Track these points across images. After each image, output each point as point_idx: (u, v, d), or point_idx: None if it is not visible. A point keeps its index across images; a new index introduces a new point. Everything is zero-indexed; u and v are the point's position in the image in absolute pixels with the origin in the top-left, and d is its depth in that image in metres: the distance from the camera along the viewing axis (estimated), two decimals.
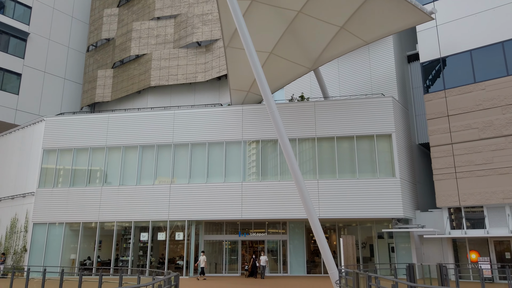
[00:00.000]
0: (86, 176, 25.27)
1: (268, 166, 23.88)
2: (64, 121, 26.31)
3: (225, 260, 24.96)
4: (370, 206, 21.88)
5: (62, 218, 24.72)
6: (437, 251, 22.61)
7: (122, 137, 25.33)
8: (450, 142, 22.12)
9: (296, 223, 24.97)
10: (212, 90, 31.86)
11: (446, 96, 22.68)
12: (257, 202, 22.98)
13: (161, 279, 8.78)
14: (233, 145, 24.35)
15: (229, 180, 23.78)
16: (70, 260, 24.74)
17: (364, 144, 23.09)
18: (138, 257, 24.60)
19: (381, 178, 22.26)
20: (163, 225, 24.24)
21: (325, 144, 23.52)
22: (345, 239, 13.85)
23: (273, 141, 23.99)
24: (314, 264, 24.85)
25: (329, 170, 23.06)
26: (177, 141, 24.75)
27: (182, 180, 24.31)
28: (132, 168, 24.99)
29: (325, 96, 25.28)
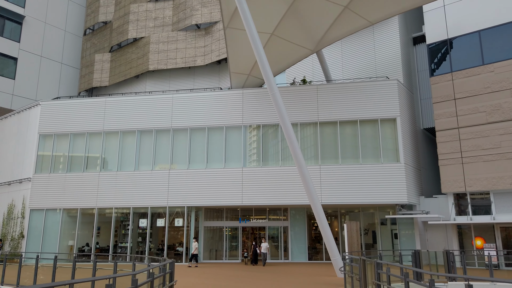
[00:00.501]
0: (83, 161, 24.69)
1: (269, 151, 23.26)
2: (60, 105, 25.63)
3: (225, 246, 24.53)
4: (374, 192, 21.31)
5: (60, 204, 24.24)
6: (441, 238, 22.11)
7: (120, 122, 24.67)
8: (456, 126, 21.42)
9: (298, 209, 24.46)
10: (211, 74, 31.07)
11: (453, 79, 21.90)
12: (257, 188, 22.43)
13: (156, 266, 8.23)
14: (233, 130, 23.69)
15: (229, 166, 23.19)
16: (68, 246, 24.33)
17: (368, 128, 22.42)
18: (137, 244, 24.18)
19: (385, 163, 21.64)
20: (162, 211, 23.75)
21: (327, 129, 22.85)
22: (349, 225, 13.30)
23: (275, 125, 23.31)
24: (315, 251, 24.42)
25: (331, 155, 22.43)
26: (176, 126, 24.09)
27: (181, 165, 23.72)
28: (130, 153, 24.39)
29: (327, 79, 24.51)
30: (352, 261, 10.13)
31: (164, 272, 7.30)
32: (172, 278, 7.82)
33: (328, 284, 14.08)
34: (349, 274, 10.17)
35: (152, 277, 6.36)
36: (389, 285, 7.29)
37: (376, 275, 7.91)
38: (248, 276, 16.68)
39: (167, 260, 8.25)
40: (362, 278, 8.90)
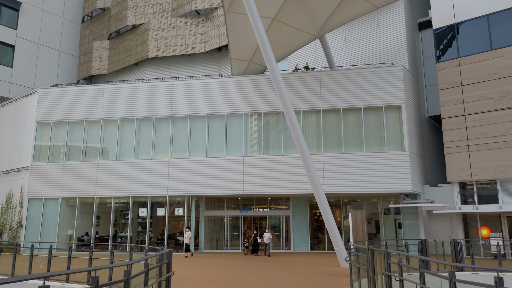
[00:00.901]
0: (81, 150, 24.19)
1: (270, 139, 22.72)
2: (58, 93, 25.05)
3: (226, 236, 24.13)
4: (377, 181, 20.80)
5: (58, 193, 23.80)
6: (446, 227, 21.67)
7: (118, 110, 24.10)
8: (463, 114, 20.82)
9: (300, 199, 24.00)
10: (212, 61, 30.39)
11: (460, 65, 21.24)
12: (259, 177, 21.93)
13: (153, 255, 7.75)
14: (234, 117, 23.12)
15: (230, 155, 22.67)
16: (68, 236, 23.96)
17: (372, 116, 21.82)
18: (137, 233, 23.79)
19: (389, 151, 21.10)
20: (162, 200, 23.31)
21: (330, 117, 22.26)
22: (354, 214, 12.80)
23: (277, 113, 22.73)
24: (317, 240, 24.02)
25: (334, 143, 21.88)
26: (176, 114, 23.52)
27: (181, 154, 23.21)
28: (129, 141, 23.87)
29: (331, 66, 23.86)
30: (359, 251, 9.64)
31: (160, 262, 6.82)
32: (170, 269, 7.34)
33: (332, 274, 13.65)
34: (356, 264, 9.69)
35: (147, 268, 5.87)
36: (401, 276, 6.79)
37: (386, 266, 7.42)
38: (249, 266, 16.27)
39: (164, 250, 7.77)
40: (370, 269, 8.42)
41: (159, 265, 6.74)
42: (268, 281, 12.20)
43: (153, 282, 6.27)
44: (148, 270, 5.92)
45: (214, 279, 12.66)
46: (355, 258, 10.34)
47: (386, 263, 7.45)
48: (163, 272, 7.34)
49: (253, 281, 12.11)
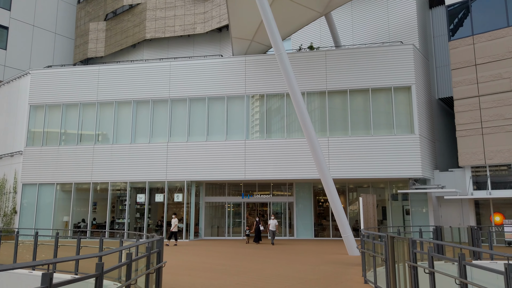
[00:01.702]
0: (77, 134, 23.09)
1: (273, 122, 21.57)
2: (51, 74, 23.85)
3: (227, 223, 23.17)
4: (386, 166, 19.70)
5: (53, 178, 22.78)
6: (456, 214, 20.64)
7: (115, 92, 22.92)
8: (477, 95, 19.60)
9: (303, 185, 22.95)
10: (212, 43, 29.06)
11: (474, 43, 19.93)
12: (261, 162, 20.85)
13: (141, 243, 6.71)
14: (235, 100, 21.93)
15: (231, 138, 21.56)
16: (63, 222, 23.02)
17: (380, 97, 20.62)
18: (135, 220, 22.84)
19: (398, 134, 19.94)
20: (160, 186, 22.28)
21: (336, 98, 21.06)
22: (365, 198, 11.74)
23: (280, 95, 21.53)
24: (321, 227, 23.05)
25: (341, 126, 20.73)
26: (174, 96, 22.34)
27: (180, 138, 22.10)
28: (126, 125, 22.75)
29: (337, 45, 22.55)
30: (374, 238, 8.58)
31: (149, 252, 5.75)
32: (160, 259, 6.31)
33: (340, 263, 12.64)
34: (370, 253, 8.64)
35: (129, 259, 4.81)
36: (431, 267, 5.73)
37: (412, 255, 6.35)
38: (252, 254, 15.28)
39: (155, 237, 6.71)
40: (390, 259, 7.36)
41: (147, 255, 5.69)
42: (272, 270, 11.19)
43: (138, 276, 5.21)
44: (131, 261, 4.85)
45: (213, 268, 11.67)
46: (369, 246, 9.29)
47: (411, 252, 6.38)
48: (152, 263, 6.29)
49: (256, 271, 11.11)
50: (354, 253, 14.64)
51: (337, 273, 10.73)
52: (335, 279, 9.84)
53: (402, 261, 6.93)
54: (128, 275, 4.82)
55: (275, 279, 9.87)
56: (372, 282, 8.73)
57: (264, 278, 10.02)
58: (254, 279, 9.81)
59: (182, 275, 10.43)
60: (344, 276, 10.18)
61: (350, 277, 10.05)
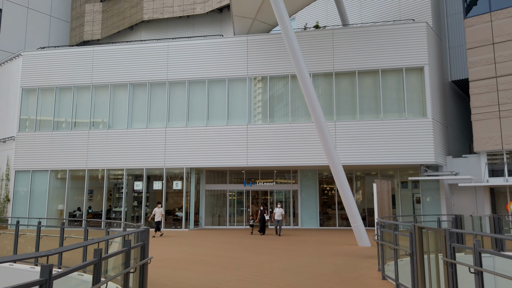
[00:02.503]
0: (71, 118, 21.93)
1: (277, 106, 20.34)
2: (44, 56, 22.60)
3: (228, 212, 22.12)
4: (396, 151, 18.51)
5: (47, 165, 21.71)
6: (469, 202, 19.49)
7: (110, 74, 21.70)
8: (494, 75, 18.28)
9: (308, 172, 21.82)
10: (212, 24, 27.67)
11: (492, 20, 18.54)
12: (264, 148, 19.68)
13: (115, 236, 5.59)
14: (237, 82, 20.68)
15: (232, 123, 20.37)
16: (58, 211, 22.01)
17: (391, 79, 19.33)
18: (133, 208, 21.80)
19: (409, 118, 18.70)
20: (159, 173, 21.19)
21: (344, 80, 19.78)
22: (379, 185, 10.59)
23: (284, 77, 20.26)
24: (327, 216, 21.98)
25: (348, 110, 19.49)
26: (173, 78, 21.10)
27: (179, 123, 20.92)
28: (122, 109, 21.56)
29: (344, 23, 21.17)
30: (397, 229, 7.43)
31: (128, 246, 4.62)
32: (145, 254, 5.20)
33: (351, 254, 11.54)
34: (391, 245, 7.50)
35: (98, 257, 3.68)
36: (479, 266, 4.58)
37: (449, 250, 5.20)
38: (255, 245, 14.20)
39: (141, 228, 5.58)
40: (417, 253, 6.22)
41: (125, 250, 4.56)
42: (278, 263, 10.09)
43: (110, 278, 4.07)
44: (100, 259, 3.71)
45: (213, 260, 10.58)
46: (388, 237, 8.16)
47: (448, 246, 5.23)
48: (136, 259, 5.17)
49: (260, 264, 10.02)
50: (364, 244, 13.55)
51: (349, 266, 9.62)
52: (348, 273, 8.74)
53: (435, 256, 5.79)
54: (96, 277, 3.70)
55: (282, 273, 8.77)
56: (392, 278, 7.62)
57: (269, 272, 8.93)
58: (258, 274, 8.72)
59: (177, 269, 9.35)
60: (358, 271, 9.07)
61: (364, 272, 8.94)
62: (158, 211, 17.52)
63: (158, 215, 17.48)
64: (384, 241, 8.21)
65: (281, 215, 17.40)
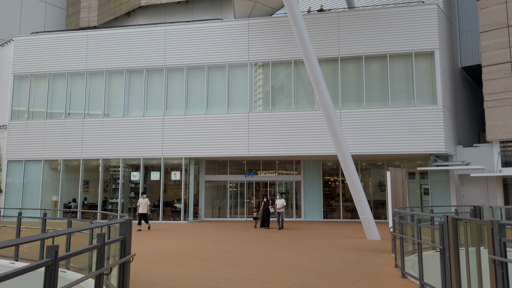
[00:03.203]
0: (64, 106, 20.90)
1: (279, 93, 19.29)
2: (36, 41, 21.50)
3: (229, 204, 21.17)
4: (404, 140, 17.49)
5: (40, 155, 20.72)
6: (480, 193, 18.50)
7: (105, 60, 20.61)
8: (509, 60, 17.19)
9: (312, 162, 20.83)
10: (212, 9, 26.50)
11: (507, 1, 17.40)
12: (266, 137, 18.66)
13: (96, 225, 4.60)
14: (238, 68, 19.61)
15: (233, 111, 19.34)
16: (52, 202, 21.06)
17: (399, 64, 18.25)
18: (129, 199, 20.83)
19: (419, 106, 17.65)
20: (156, 163, 20.19)
21: (350, 66, 18.70)
22: (393, 173, 9.60)
23: (287, 62, 19.17)
24: (330, 208, 21.02)
25: (354, 97, 18.44)
26: (170, 64, 20.02)
27: (177, 111, 19.89)
28: (118, 96, 20.51)
29: (350, 6, 20.03)
30: (420, 221, 6.42)
31: (101, 241, 3.63)
32: (126, 250, 4.21)
33: (361, 249, 10.58)
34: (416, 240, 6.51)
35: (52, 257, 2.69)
36: None
37: (499, 246, 4.20)
38: (257, 238, 13.24)
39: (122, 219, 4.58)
40: (451, 248, 5.23)
41: (98, 247, 3.57)
42: (283, 259, 9.13)
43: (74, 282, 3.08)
44: (56, 260, 2.72)
45: (211, 255, 9.62)
46: (409, 229, 7.18)
47: (497, 241, 4.23)
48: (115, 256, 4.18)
49: (263, 259, 9.05)
50: (374, 237, 12.59)
51: (361, 262, 8.65)
52: (362, 271, 7.77)
53: (476, 253, 4.79)
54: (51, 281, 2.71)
55: (287, 270, 7.80)
56: (414, 276, 6.64)
57: (274, 269, 7.95)
58: (261, 271, 7.75)
59: (172, 265, 8.38)
60: (372, 267, 8.10)
61: (380, 268, 7.97)
62: (143, 202, 15.78)
63: (143, 206, 15.71)
64: (402, 234, 7.21)
65: (282, 205, 15.98)
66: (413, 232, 6.90)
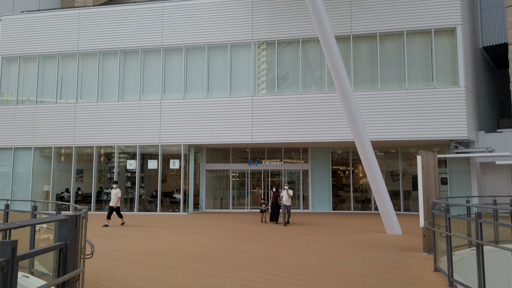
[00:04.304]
0: (55, 89, 19.32)
1: (286, 75, 17.63)
2: (25, 20, 19.84)
3: (232, 194, 19.66)
4: (422, 125, 15.84)
5: (30, 141, 19.21)
6: (503, 183, 16.89)
7: (98, 40, 18.97)
8: None
9: (320, 150, 19.23)
10: None
11: None
12: (271, 122, 17.06)
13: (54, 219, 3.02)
14: (241, 48, 17.93)
15: (235, 94, 17.71)
16: (44, 192, 19.61)
17: (417, 42, 16.52)
18: (125, 190, 19.33)
19: (439, 87, 15.95)
20: (154, 151, 18.65)
21: (363, 44, 16.99)
22: (425, 157, 8.00)
23: (294, 41, 17.48)
24: (340, 199, 19.48)
25: (367, 78, 16.75)
26: (168, 44, 18.36)
27: (176, 94, 18.29)
28: (113, 79, 18.91)
29: None
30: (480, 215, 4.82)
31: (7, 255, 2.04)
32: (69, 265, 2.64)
33: (386, 247, 9.03)
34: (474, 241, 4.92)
35: None
36: None
37: None
38: (263, 232, 11.71)
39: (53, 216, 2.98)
40: None
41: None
42: (296, 259, 7.58)
43: None
44: None
45: (210, 254, 8.09)
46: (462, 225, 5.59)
47: None
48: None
49: (272, 259, 7.50)
50: (394, 232, 11.03)
51: (391, 264, 7.09)
52: (395, 276, 6.20)
53: None
54: None
55: (304, 275, 6.25)
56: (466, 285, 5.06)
57: (286, 273, 6.40)
58: (271, 275, 6.20)
59: (161, 267, 6.84)
60: (407, 271, 6.53)
61: (417, 273, 6.40)
62: (113, 193, 13.45)
63: (114, 198, 13.38)
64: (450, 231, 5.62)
65: (289, 198, 13.48)
66: (467, 230, 5.30)
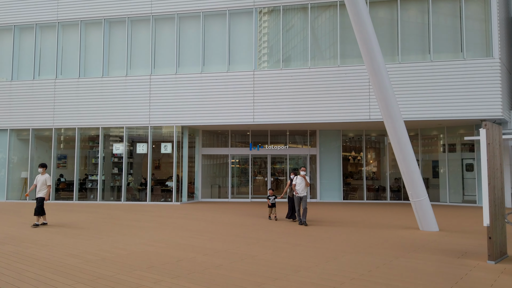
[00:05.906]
0: (33, 64, 16.99)
1: (292, 46, 15.29)
2: None
3: (230, 182, 17.48)
4: (449, 103, 13.59)
5: (5, 123, 16.96)
6: None
7: (80, 8, 16.57)
8: None
9: (330, 133, 17.02)
10: None
11: None
12: (275, 101, 14.79)
13: None
14: (241, 15, 15.55)
15: (234, 69, 15.40)
16: (22, 179, 17.42)
17: (444, 8, 14.15)
18: (112, 177, 17.14)
19: (469, 59, 13.64)
20: (143, 133, 16.40)
21: (381, 10, 14.62)
22: (490, 131, 5.77)
23: (301, 7, 15.09)
24: (351, 188, 17.32)
25: (387, 50, 14.42)
26: (158, 12, 15.97)
27: (167, 69, 15.97)
28: (96, 52, 16.56)
29: None
30: None
31: None
32: None
33: (434, 251, 6.85)
34: None
35: None
36: None
37: None
38: (268, 228, 9.53)
39: None
40: None
41: None
42: (315, 270, 5.39)
43: None
44: None
45: (200, 262, 5.90)
46: None
47: None
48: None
49: (285, 270, 5.31)
50: (429, 228, 8.85)
51: (451, 279, 4.89)
52: None
53: None
54: None
55: None
56: None
57: None
58: None
59: (133, 285, 4.63)
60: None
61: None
62: (40, 180, 9.59)
63: (40, 186, 9.54)
64: None
65: (306, 187, 9.94)
66: None
